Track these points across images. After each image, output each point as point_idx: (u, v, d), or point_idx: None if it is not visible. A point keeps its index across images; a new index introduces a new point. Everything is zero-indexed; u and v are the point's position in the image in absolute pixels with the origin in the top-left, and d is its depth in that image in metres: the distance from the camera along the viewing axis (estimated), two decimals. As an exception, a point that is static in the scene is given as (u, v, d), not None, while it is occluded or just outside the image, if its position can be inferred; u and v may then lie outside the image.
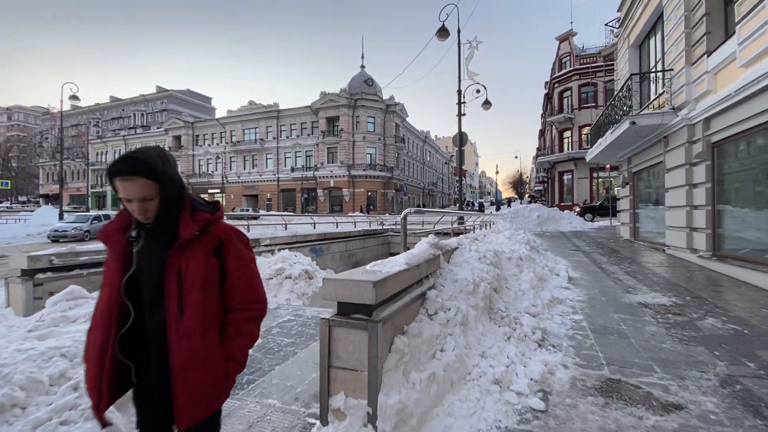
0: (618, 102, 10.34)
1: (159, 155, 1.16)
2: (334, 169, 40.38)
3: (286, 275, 5.64)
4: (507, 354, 2.97)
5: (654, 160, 10.15)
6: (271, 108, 46.39)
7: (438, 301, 2.90)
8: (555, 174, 37.84)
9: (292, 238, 8.16)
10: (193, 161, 51.55)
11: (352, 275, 2.26)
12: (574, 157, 33.88)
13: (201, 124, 51.56)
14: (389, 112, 42.19)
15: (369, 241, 12.29)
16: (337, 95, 40.14)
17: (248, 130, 47.49)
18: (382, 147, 41.78)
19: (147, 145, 1.25)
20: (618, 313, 4.39)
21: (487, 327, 3.25)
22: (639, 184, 11.94)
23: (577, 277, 6.29)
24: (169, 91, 67.81)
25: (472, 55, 13.35)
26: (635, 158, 11.65)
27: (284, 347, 3.56)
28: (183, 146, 51.52)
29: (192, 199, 1.28)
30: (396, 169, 43.55)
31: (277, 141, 45.14)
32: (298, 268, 5.83)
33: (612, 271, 6.97)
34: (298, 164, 44.06)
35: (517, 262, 5.28)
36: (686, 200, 7.96)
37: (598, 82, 33.94)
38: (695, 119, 7.80)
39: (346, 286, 2.14)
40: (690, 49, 8.12)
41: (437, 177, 67.49)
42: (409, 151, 50.69)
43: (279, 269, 5.67)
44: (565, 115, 34.89)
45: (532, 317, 3.85)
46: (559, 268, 6.52)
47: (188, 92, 71.94)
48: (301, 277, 5.74)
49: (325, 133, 40.77)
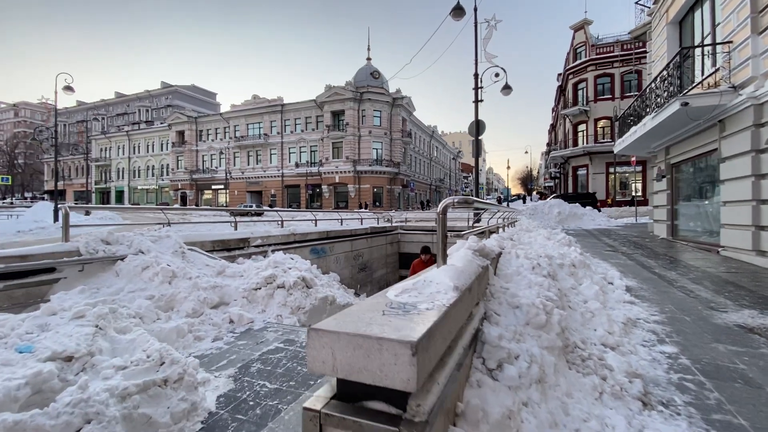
0: (661, 83, 9.10)
1: None
2: (340, 165, 39.28)
3: (278, 284, 4.57)
4: (611, 429, 1.86)
5: (702, 149, 8.91)
6: (275, 102, 45.35)
7: (501, 344, 1.80)
8: (569, 169, 36.40)
9: (289, 237, 7.10)
10: (196, 157, 50.78)
11: (366, 321, 1.16)
12: (590, 151, 32.48)
13: (204, 119, 50.71)
14: (396, 106, 40.94)
15: (377, 239, 11.18)
16: (342, 88, 38.96)
17: (252, 125, 46.54)
18: (388, 142, 40.58)
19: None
20: (720, 341, 3.25)
21: (569, 379, 2.14)
22: (679, 177, 10.69)
23: (635, 287, 5.14)
24: (173, 86, 67.13)
25: (490, 35, 12.14)
26: (675, 148, 10.41)
27: (263, 398, 2.48)
28: (186, 141, 50.76)
29: None
30: (403, 164, 42.35)
31: (281, 136, 44.12)
32: (293, 275, 4.75)
33: (671, 278, 5.80)
34: (303, 159, 43.03)
35: (570, 269, 4.15)
36: (752, 194, 6.76)
37: (614, 72, 32.45)
38: (764, 98, 6.59)
39: (357, 348, 1.05)
40: (757, 16, 6.88)
41: (444, 173, 66.16)
42: (416, 146, 49.43)
43: (269, 277, 4.60)
44: (580, 107, 33.43)
45: (614, 352, 2.74)
46: (611, 274, 5.37)
47: (193, 87, 71.23)
48: (297, 287, 4.66)
49: (330, 127, 39.64)
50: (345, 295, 5.98)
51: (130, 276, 3.74)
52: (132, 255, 3.94)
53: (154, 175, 56.84)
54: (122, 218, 18.06)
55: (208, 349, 3.31)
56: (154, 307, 3.47)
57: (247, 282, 4.51)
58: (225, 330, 3.70)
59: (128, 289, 3.56)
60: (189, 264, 4.37)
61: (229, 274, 4.70)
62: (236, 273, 4.74)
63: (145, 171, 57.84)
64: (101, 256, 3.78)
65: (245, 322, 3.89)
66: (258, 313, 4.21)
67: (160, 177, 55.85)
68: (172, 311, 3.64)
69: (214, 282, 4.19)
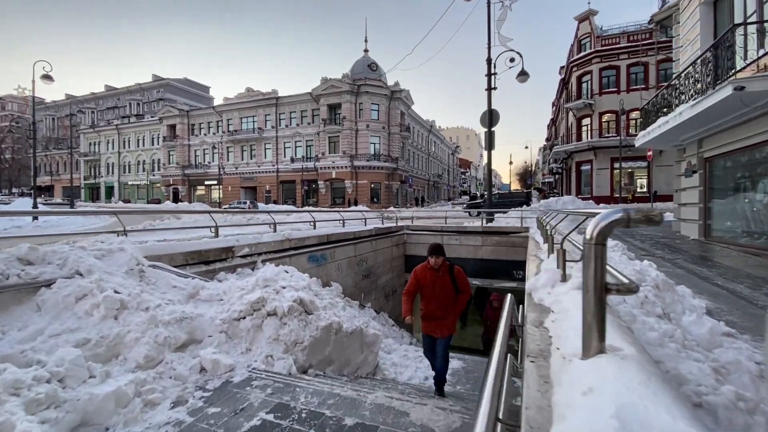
0: (702, 67, 8.09)
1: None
2: (336, 160, 38.07)
3: (268, 311, 3.51)
4: None
5: (747, 141, 7.93)
6: (269, 95, 43.94)
7: None
8: (572, 164, 35.45)
9: (284, 243, 6.02)
10: (188, 151, 49.31)
11: None
12: (594, 146, 31.53)
13: (197, 113, 49.19)
14: (394, 99, 39.72)
15: (382, 242, 10.11)
16: (339, 81, 37.64)
17: (246, 119, 45.13)
18: (386, 136, 39.39)
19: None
20: None
21: None
22: (715, 172, 9.72)
23: (712, 308, 4.13)
24: (165, 79, 65.38)
25: (504, 16, 11.07)
26: (711, 140, 9.43)
27: None
28: (178, 136, 49.25)
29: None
30: (401, 159, 41.22)
31: (276, 130, 42.76)
32: (288, 298, 3.70)
33: (744, 293, 4.80)
34: (298, 154, 41.75)
35: (655, 292, 3.14)
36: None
37: (620, 65, 31.44)
38: (841, 79, 5.61)
39: None
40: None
41: (442, 168, 65.10)
42: (415, 141, 48.29)
43: (257, 301, 3.54)
44: (584, 101, 32.43)
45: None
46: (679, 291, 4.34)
47: (185, 81, 69.46)
48: (293, 313, 3.61)
49: (326, 121, 38.36)
50: (351, 315, 4.93)
51: (57, 310, 2.68)
52: (63, 279, 2.87)
53: (144, 171, 55.27)
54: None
55: (161, 424, 2.26)
56: (86, 359, 2.40)
57: (227, 309, 3.46)
58: (192, 386, 2.65)
59: (51, 331, 2.50)
60: (149, 287, 3.31)
61: (204, 297, 3.64)
62: (213, 296, 3.68)
63: (136, 166, 56.25)
64: (14, 283, 2.70)
65: (222, 371, 2.84)
66: (240, 354, 3.16)
67: (151, 172, 54.31)
68: (115, 361, 2.59)
69: (182, 312, 3.14)
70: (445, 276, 4.01)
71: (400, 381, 4.46)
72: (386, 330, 7.45)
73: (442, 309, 4.02)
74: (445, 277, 4.01)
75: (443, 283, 4.00)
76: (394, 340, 6.73)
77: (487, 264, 10.43)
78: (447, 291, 4.01)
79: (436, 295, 3.99)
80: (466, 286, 4.13)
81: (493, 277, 10.36)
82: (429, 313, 4.05)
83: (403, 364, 5.10)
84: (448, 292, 4.02)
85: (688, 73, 8.83)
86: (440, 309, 4.01)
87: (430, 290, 3.99)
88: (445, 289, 4.00)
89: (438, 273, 4.00)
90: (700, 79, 8.20)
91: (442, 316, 4.03)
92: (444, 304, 4.01)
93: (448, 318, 4.07)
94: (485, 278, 10.47)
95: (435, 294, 3.99)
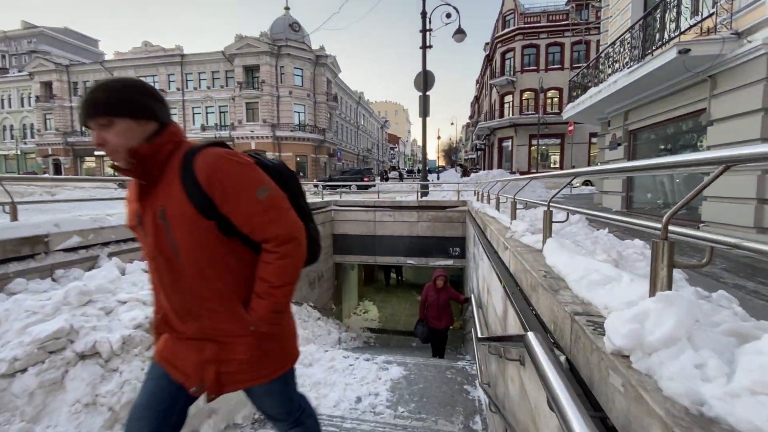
0: (640, 32, 7.78)
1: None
2: (256, 129, 34.51)
3: (80, 350, 1.98)
4: None
5: (678, 111, 7.89)
6: (173, 52, 37.90)
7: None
8: (494, 141, 36.64)
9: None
10: (71, 115, 41.04)
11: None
12: (516, 123, 32.73)
13: (79, 68, 40.83)
14: (319, 65, 36.85)
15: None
16: (256, 40, 33.60)
17: (144, 78, 38.33)
18: (312, 105, 36.66)
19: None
20: None
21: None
22: (639, 145, 9.86)
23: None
24: (39, 27, 53.29)
25: (441, -37, 9.81)
26: (637, 112, 9.44)
27: None
28: (56, 95, 40.58)
29: None
30: (329, 131, 38.93)
31: (182, 93, 37.25)
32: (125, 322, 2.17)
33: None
34: (210, 122, 37.02)
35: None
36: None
37: (540, 44, 32.56)
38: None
39: None
40: (774, -57, 5.61)
41: (372, 143, 63.83)
42: (342, 113, 46.01)
43: (56, 333, 1.97)
44: (507, 77, 33.24)
45: None
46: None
47: (66, 30, 57.49)
48: (133, 349, 2.11)
49: (242, 84, 34.29)
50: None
51: None
52: None
53: (13, 138, 45.13)
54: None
55: None
56: None
57: (8, 347, 1.85)
58: None
59: None
60: None
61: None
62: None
63: (1, 132, 45.71)
64: None
65: None
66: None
67: (22, 140, 44.59)
68: None
69: None
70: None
71: (323, 412, 3.22)
72: (309, 327, 6.14)
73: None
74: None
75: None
76: (318, 343, 5.46)
77: (423, 241, 9.59)
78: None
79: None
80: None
81: (429, 255, 9.58)
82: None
83: (328, 382, 3.86)
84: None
85: (623, 39, 8.53)
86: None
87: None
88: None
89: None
90: (637, 45, 7.91)
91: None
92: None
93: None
94: (421, 257, 9.65)
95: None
